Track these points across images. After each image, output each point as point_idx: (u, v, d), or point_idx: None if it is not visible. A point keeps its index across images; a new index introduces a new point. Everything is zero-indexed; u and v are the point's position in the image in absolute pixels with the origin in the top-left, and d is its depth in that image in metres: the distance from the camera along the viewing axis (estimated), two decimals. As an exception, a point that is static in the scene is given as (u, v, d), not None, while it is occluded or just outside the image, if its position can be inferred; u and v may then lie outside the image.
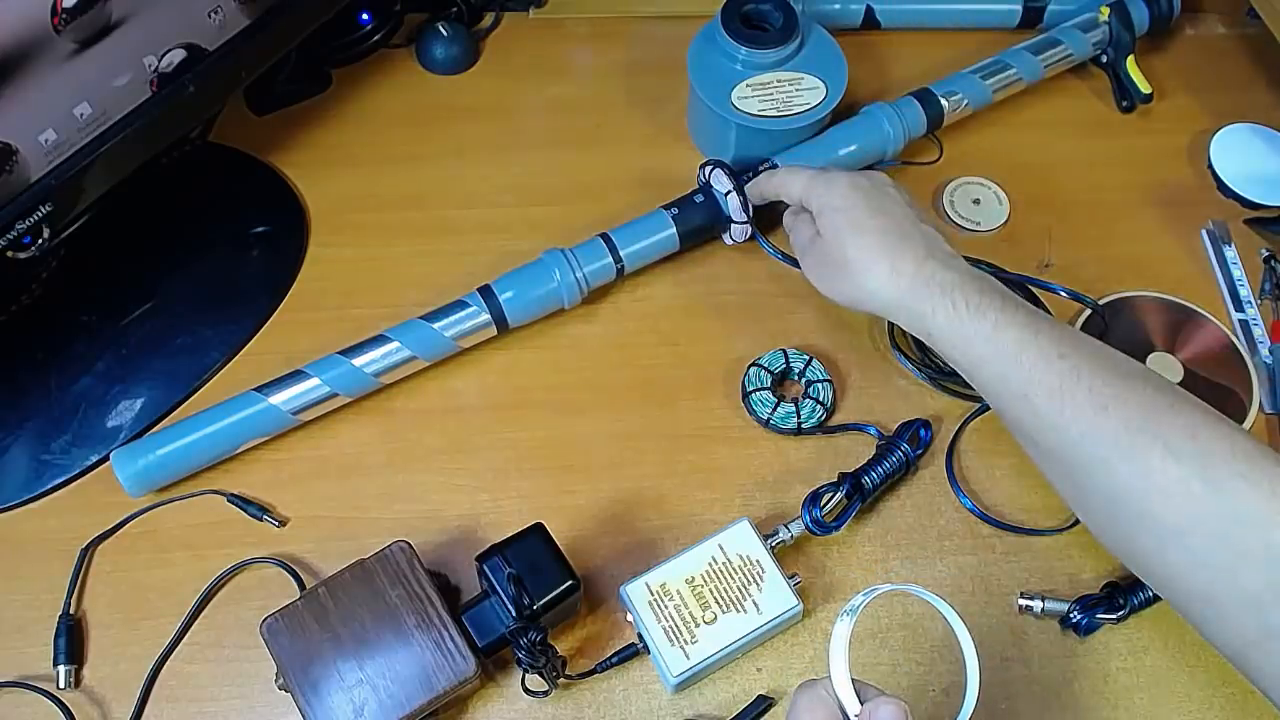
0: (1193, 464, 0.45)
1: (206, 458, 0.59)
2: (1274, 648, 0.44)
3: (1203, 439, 0.45)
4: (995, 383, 0.52)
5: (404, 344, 0.61)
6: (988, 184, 0.73)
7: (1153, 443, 0.46)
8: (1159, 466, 0.46)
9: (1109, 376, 0.48)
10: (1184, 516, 0.45)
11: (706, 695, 0.54)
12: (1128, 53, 0.76)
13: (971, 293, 0.52)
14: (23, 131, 0.52)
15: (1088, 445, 0.48)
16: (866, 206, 0.56)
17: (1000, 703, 0.54)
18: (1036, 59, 0.75)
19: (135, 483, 0.57)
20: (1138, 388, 0.48)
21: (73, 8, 0.50)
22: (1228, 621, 0.45)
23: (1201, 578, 0.45)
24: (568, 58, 0.81)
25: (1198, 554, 0.45)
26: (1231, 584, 0.44)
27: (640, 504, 0.60)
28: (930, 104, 0.72)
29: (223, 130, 0.75)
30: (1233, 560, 0.44)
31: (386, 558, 0.52)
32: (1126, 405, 0.47)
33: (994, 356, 0.51)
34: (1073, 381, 0.48)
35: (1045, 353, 0.49)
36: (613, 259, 0.65)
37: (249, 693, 0.54)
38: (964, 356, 0.53)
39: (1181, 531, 0.45)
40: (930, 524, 0.60)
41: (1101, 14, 0.76)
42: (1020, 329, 0.51)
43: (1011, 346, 0.50)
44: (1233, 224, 0.72)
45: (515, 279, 0.63)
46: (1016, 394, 0.51)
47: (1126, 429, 0.47)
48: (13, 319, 0.65)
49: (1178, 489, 0.45)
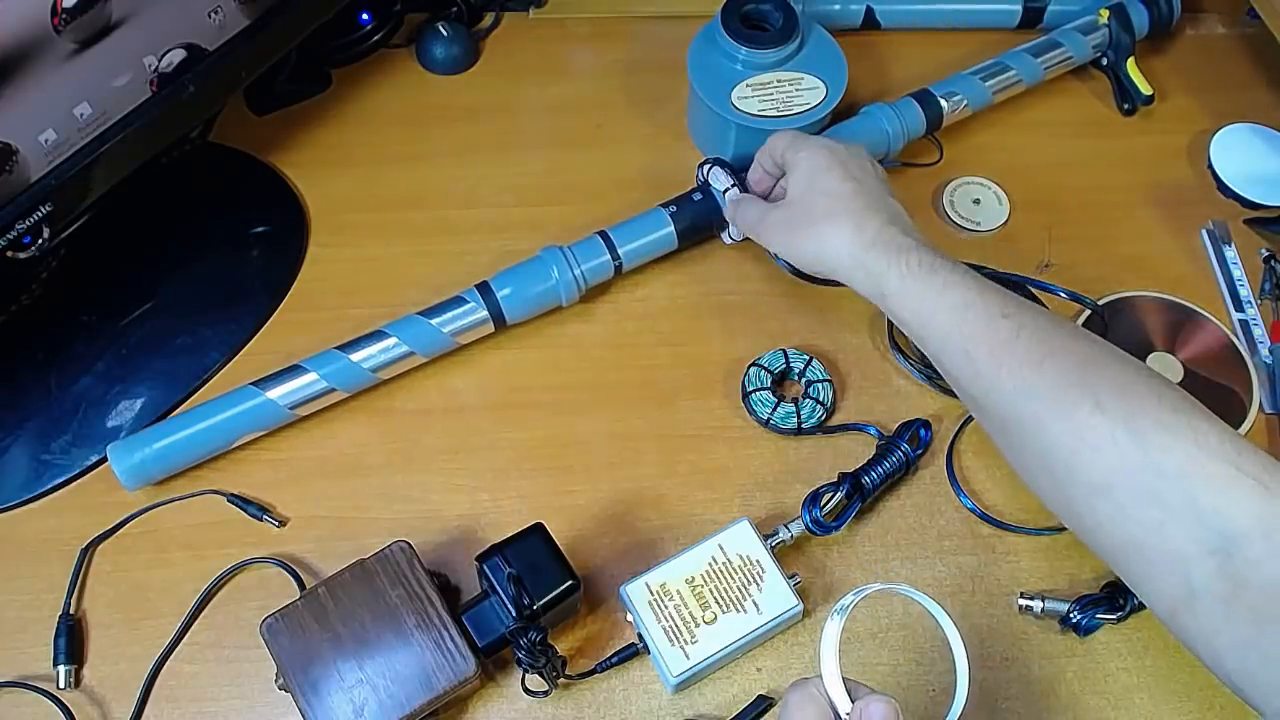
0: (1119, 417, 0.45)
1: (203, 452, 0.59)
2: (1200, 607, 0.44)
3: (1131, 394, 0.46)
4: (940, 340, 0.53)
5: (402, 340, 0.61)
6: (988, 184, 0.73)
7: (1083, 397, 0.47)
8: (1087, 421, 0.46)
9: (1048, 334, 0.49)
10: (1110, 470, 0.46)
11: (706, 695, 0.54)
12: (1128, 55, 0.76)
13: (925, 255, 0.54)
14: (23, 131, 0.52)
15: (1022, 401, 0.49)
16: (842, 170, 0.58)
17: (1000, 702, 0.54)
18: (1036, 61, 0.75)
19: (132, 477, 0.57)
20: (1075, 345, 0.49)
21: (73, 8, 0.50)
22: (1156, 581, 0.45)
23: (1129, 533, 0.46)
24: (568, 58, 0.81)
25: (1125, 508, 0.45)
26: (1159, 540, 0.44)
27: (640, 504, 0.60)
28: (929, 105, 0.72)
29: (223, 130, 0.75)
30: (1159, 516, 0.44)
31: (386, 558, 0.52)
32: (1061, 361, 0.48)
33: (940, 313, 0.52)
34: (1012, 338, 0.49)
35: (989, 311, 0.51)
36: (611, 257, 0.65)
37: (249, 693, 0.54)
38: (914, 316, 0.54)
39: (1109, 485, 0.46)
40: (930, 524, 0.60)
41: (1100, 17, 0.76)
42: (966, 290, 0.52)
43: (957, 304, 0.52)
44: (1233, 224, 0.72)
45: (513, 276, 0.64)
46: (958, 350, 0.52)
47: (1059, 384, 0.48)
48: (13, 319, 0.65)
49: (1104, 442, 0.46)
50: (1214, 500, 0.43)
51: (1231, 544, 0.42)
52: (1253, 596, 0.42)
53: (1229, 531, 0.42)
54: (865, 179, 0.58)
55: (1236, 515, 0.42)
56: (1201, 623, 0.44)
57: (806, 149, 0.59)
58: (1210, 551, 0.43)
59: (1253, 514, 0.42)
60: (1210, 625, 0.44)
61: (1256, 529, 0.42)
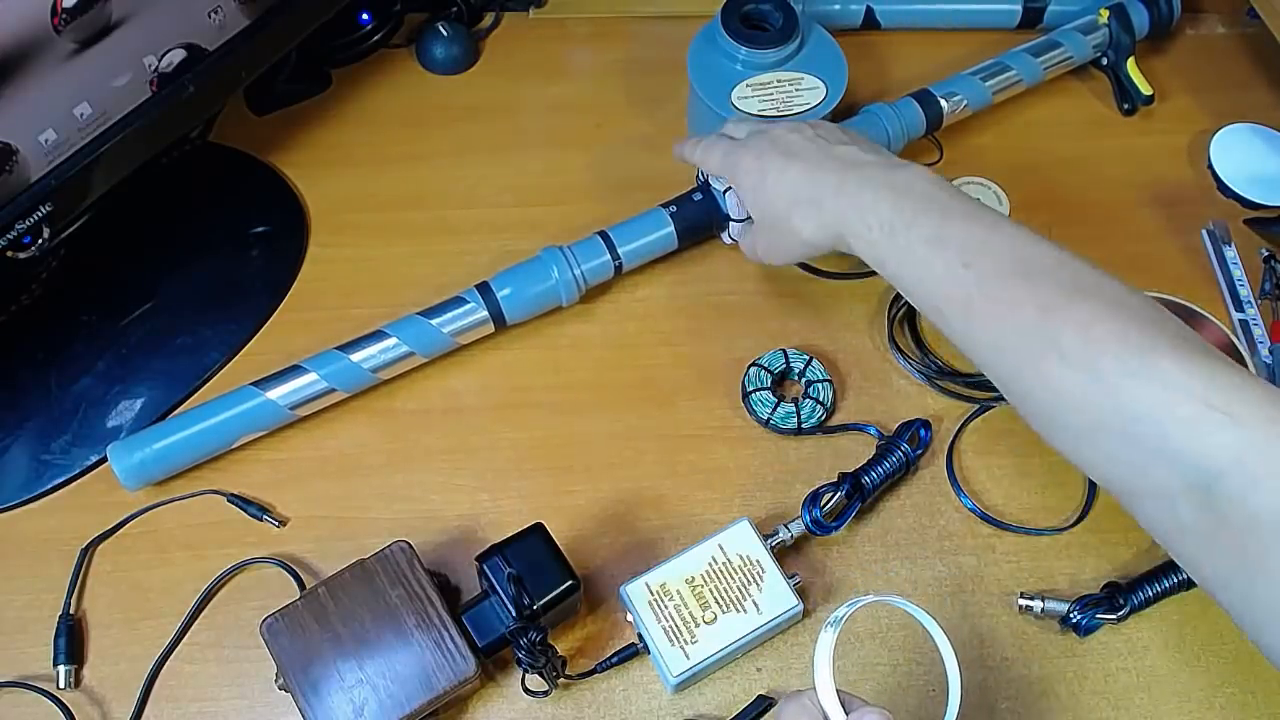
0: (1085, 366, 0.45)
1: (203, 452, 0.59)
2: (1189, 541, 0.44)
3: (1095, 335, 0.45)
4: (919, 300, 0.52)
5: (402, 340, 0.61)
6: (988, 184, 0.73)
7: (1047, 348, 0.46)
8: (1056, 373, 0.46)
9: (1009, 279, 0.48)
10: (1087, 418, 0.45)
11: (706, 695, 0.54)
12: (1128, 55, 0.76)
13: (884, 212, 0.52)
14: (23, 131, 0.52)
15: (996, 354, 0.49)
16: (774, 166, 0.57)
17: (1000, 702, 0.54)
18: (1036, 61, 0.75)
19: (132, 477, 0.57)
20: (1036, 286, 0.47)
21: (73, 8, 0.51)
22: (1150, 513, 0.46)
23: (1118, 473, 0.46)
24: (568, 58, 0.81)
25: (1109, 452, 0.45)
26: (1144, 480, 0.44)
27: (640, 504, 0.60)
28: (929, 105, 0.72)
29: (223, 130, 0.75)
30: (1142, 457, 0.44)
31: (386, 558, 0.52)
32: (1022, 308, 0.47)
33: (909, 276, 0.52)
34: (976, 292, 0.49)
35: (950, 264, 0.50)
36: (611, 256, 0.65)
37: (249, 693, 0.54)
38: (890, 278, 0.53)
39: (1089, 430, 0.46)
40: (930, 524, 0.60)
41: (1100, 17, 0.76)
42: (928, 244, 0.51)
43: (921, 263, 0.51)
44: (1233, 224, 0.71)
45: (513, 276, 0.64)
46: (932, 308, 0.51)
47: (1025, 335, 0.47)
48: (13, 319, 0.65)
49: (1076, 393, 0.45)
50: (1186, 440, 0.42)
51: (1210, 479, 0.42)
52: (1234, 531, 0.41)
53: (1205, 468, 0.42)
54: (800, 151, 0.57)
55: (1210, 452, 0.42)
56: (1191, 554, 0.44)
57: (735, 170, 0.60)
58: (1190, 488, 0.42)
59: (1226, 449, 0.41)
60: (1198, 557, 0.44)
61: (1231, 464, 0.41)
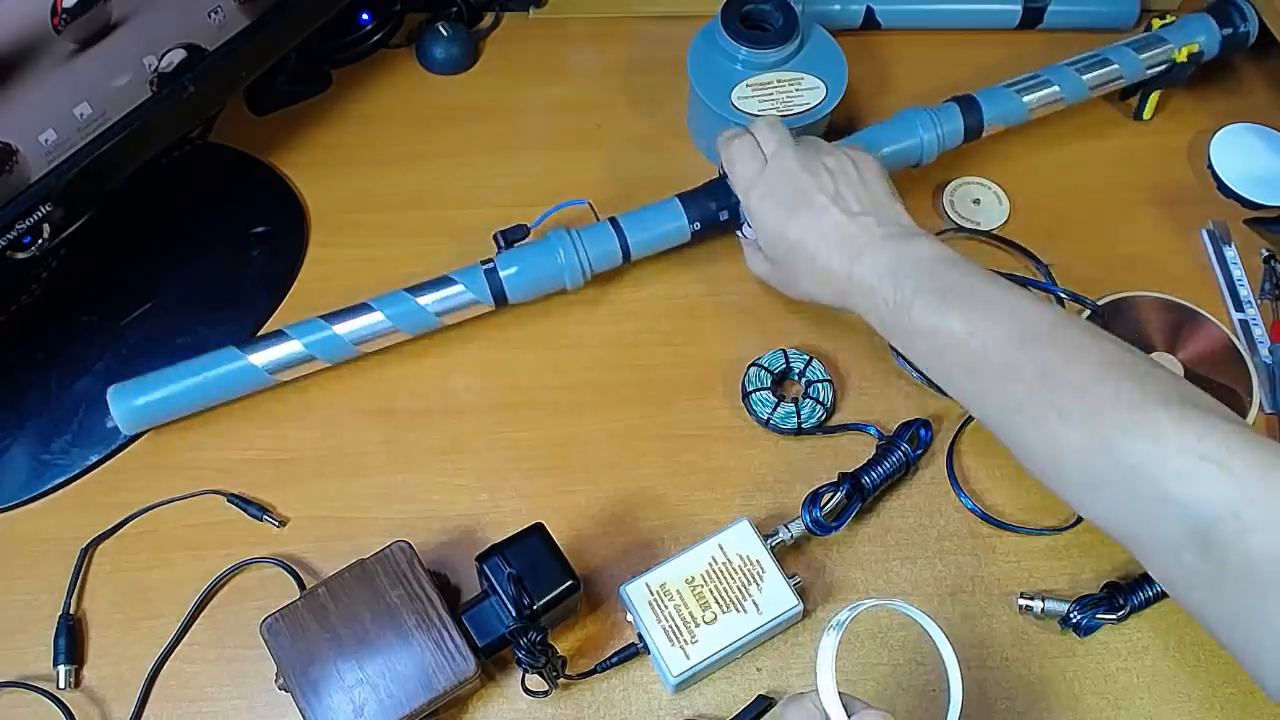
0: (1082, 425, 0.47)
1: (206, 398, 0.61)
2: (1195, 584, 0.45)
3: (1090, 396, 0.47)
4: (928, 369, 0.55)
5: (388, 317, 0.62)
6: (988, 184, 0.73)
7: (1048, 409, 0.48)
8: (1057, 431, 0.48)
9: (1009, 346, 0.50)
10: (1089, 475, 0.47)
11: (706, 695, 0.54)
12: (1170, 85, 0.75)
13: (888, 290, 0.54)
14: (23, 131, 0.52)
15: (1001, 415, 0.51)
16: (792, 223, 0.57)
17: (1000, 702, 0.54)
18: (1083, 79, 0.72)
19: (129, 419, 0.59)
20: (1035, 351, 0.49)
21: (73, 8, 0.50)
22: (1155, 563, 0.47)
23: (1122, 523, 0.47)
24: (568, 58, 0.81)
25: (1112, 505, 0.47)
26: (1148, 530, 0.46)
27: (640, 504, 0.60)
28: (971, 118, 0.69)
29: (223, 130, 0.75)
30: (1146, 509, 0.45)
31: (386, 558, 0.52)
32: (1022, 373, 0.49)
33: (917, 347, 0.54)
34: (981, 360, 0.51)
35: (954, 335, 0.51)
36: (619, 243, 0.64)
37: (249, 693, 0.54)
38: (900, 348, 0.56)
39: (1092, 485, 0.47)
40: (930, 524, 0.60)
41: (1179, 55, 0.73)
42: (933, 315, 0.52)
43: (927, 337, 0.53)
44: (1233, 224, 0.71)
45: (519, 255, 0.63)
46: (943, 375, 0.54)
47: (1027, 397, 0.49)
48: (13, 319, 0.65)
49: (1076, 450, 0.47)
50: (1182, 491, 0.44)
51: (1207, 526, 0.43)
52: (1234, 575, 0.43)
53: (1202, 517, 0.43)
54: (812, 201, 0.57)
55: (1205, 501, 0.43)
56: (1199, 600, 0.45)
57: (755, 203, 0.59)
58: (1190, 534, 0.44)
59: (1219, 498, 0.43)
60: (1205, 603, 0.45)
61: (1225, 512, 0.43)
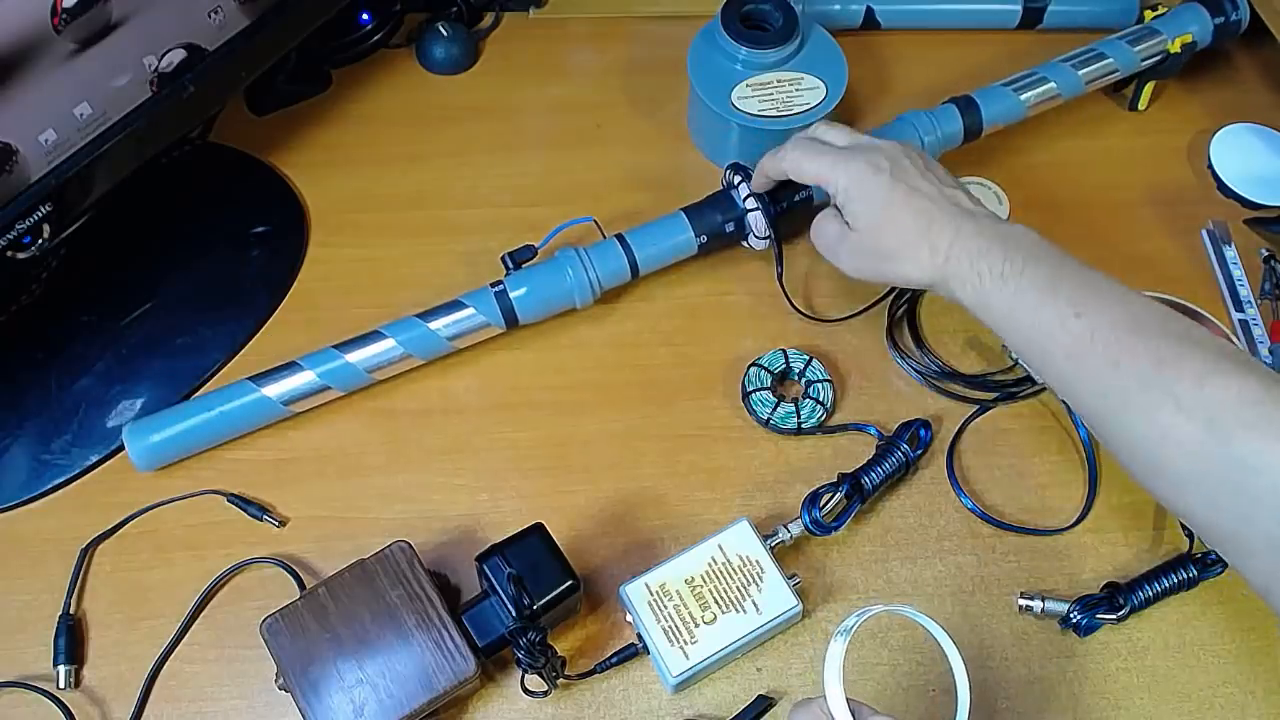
0: (1199, 416, 0.46)
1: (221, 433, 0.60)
2: None
3: (1209, 387, 0.46)
4: (1021, 345, 0.54)
5: (399, 343, 0.61)
6: (988, 184, 0.73)
7: (1163, 398, 0.47)
8: (1169, 420, 0.47)
9: (1121, 331, 0.50)
10: (1196, 467, 0.47)
11: (706, 695, 0.54)
12: (1165, 76, 0.75)
13: (996, 260, 0.53)
14: (23, 131, 0.52)
15: (1104, 400, 0.50)
16: (893, 192, 0.56)
17: (1000, 702, 0.54)
18: (1078, 74, 0.72)
19: (144, 457, 0.58)
20: (1148, 339, 0.49)
21: (73, 8, 0.50)
22: (1250, 559, 0.47)
23: (1221, 520, 0.47)
24: (568, 58, 0.81)
25: (1214, 500, 0.47)
26: (1250, 527, 0.45)
27: (640, 504, 0.60)
28: (971, 119, 0.69)
29: (223, 130, 0.75)
30: (1248, 505, 0.45)
31: (386, 558, 0.52)
32: (1136, 359, 0.48)
33: (1016, 322, 0.53)
34: (1087, 341, 0.50)
35: (1061, 313, 0.51)
36: (628, 261, 0.64)
37: (249, 693, 0.54)
38: (992, 323, 0.55)
39: (1196, 479, 0.47)
40: (930, 524, 0.60)
41: (1173, 46, 0.73)
42: (1039, 291, 0.52)
43: (1030, 311, 0.52)
44: (1233, 224, 0.71)
45: (529, 276, 0.63)
46: (1039, 354, 0.53)
47: (1137, 384, 0.48)
48: (13, 319, 0.65)
49: (1187, 441, 0.46)
50: None
51: None
52: None
53: None
54: (918, 185, 0.56)
55: None
56: None
57: (846, 178, 0.57)
58: None
59: None
60: None
61: None
